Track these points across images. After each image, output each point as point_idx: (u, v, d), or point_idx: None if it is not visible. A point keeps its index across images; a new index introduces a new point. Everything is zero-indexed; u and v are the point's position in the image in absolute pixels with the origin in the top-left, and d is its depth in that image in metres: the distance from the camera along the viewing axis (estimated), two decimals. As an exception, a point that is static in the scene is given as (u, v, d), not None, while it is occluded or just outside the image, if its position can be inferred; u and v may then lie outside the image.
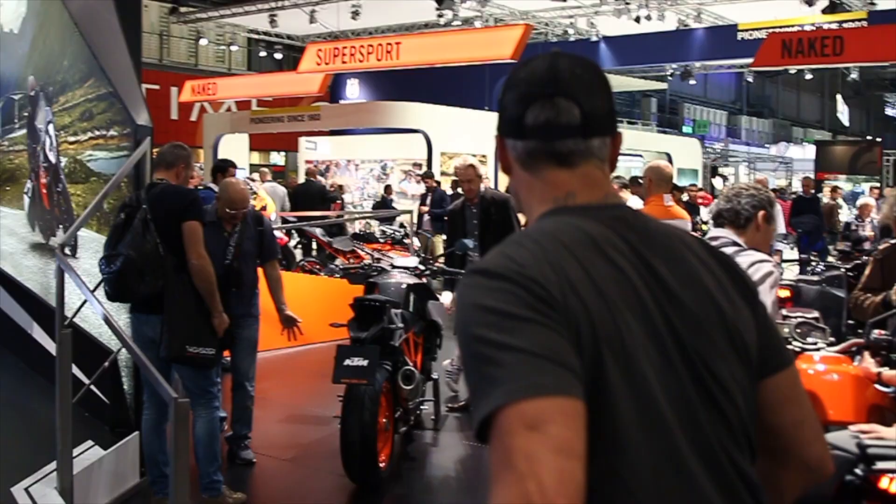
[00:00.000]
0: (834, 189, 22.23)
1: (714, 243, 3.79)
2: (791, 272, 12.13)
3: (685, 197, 15.81)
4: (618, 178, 13.34)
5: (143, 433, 5.78)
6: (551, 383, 1.39)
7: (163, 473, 5.63)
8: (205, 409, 5.73)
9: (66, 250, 6.77)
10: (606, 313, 1.53)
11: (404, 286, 6.99)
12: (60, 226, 6.83)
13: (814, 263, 10.47)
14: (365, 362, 5.70)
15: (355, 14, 24.67)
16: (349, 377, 5.70)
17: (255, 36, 33.10)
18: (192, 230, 5.50)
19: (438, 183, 20.24)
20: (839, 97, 39.43)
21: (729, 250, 3.85)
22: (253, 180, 15.11)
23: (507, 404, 1.37)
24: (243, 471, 6.54)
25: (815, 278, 9.23)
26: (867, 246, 13.26)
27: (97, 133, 6.23)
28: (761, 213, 4.11)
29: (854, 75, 34.22)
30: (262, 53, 34.68)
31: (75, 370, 6.33)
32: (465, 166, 8.05)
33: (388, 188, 23.13)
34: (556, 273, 1.53)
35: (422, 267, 7.56)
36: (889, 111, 61.61)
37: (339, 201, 21.42)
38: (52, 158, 7.01)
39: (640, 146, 30.94)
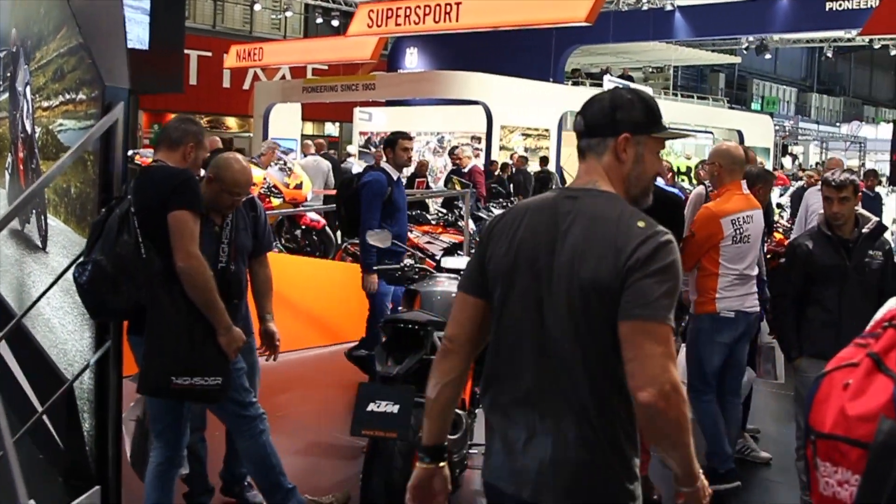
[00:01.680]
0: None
1: None
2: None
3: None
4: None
5: (146, 482, 4.54)
6: (462, 284, 2.85)
7: None
8: (245, 437, 4.77)
9: (38, 242, 5.51)
10: (506, 250, 2.65)
11: (453, 295, 5.51)
12: (34, 210, 5.57)
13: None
14: (395, 408, 4.30)
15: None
16: (373, 428, 4.32)
17: (312, 2, 31.89)
18: (178, 222, 4.21)
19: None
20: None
21: None
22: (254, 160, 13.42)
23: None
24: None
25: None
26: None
27: (67, 97, 4.94)
28: None
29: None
30: (319, 20, 33.50)
31: (31, 396, 5.05)
32: None
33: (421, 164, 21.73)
34: (496, 224, 2.75)
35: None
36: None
37: (423, 179, 20.12)
38: (29, 128, 5.76)
39: (710, 123, 29.52)
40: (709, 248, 5.63)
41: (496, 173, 19.41)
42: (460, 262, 6.10)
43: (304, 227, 13.23)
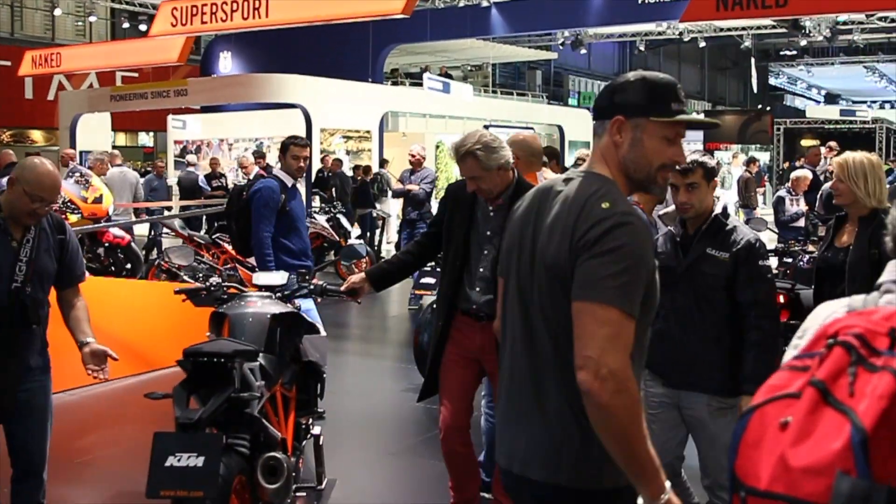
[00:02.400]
0: (752, 160, 20.92)
1: None
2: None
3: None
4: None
5: None
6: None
7: None
8: None
9: None
10: (508, 234, 2.78)
11: (268, 318, 4.80)
12: None
13: (798, 254, 8.64)
14: (200, 460, 3.58)
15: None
16: (174, 488, 3.57)
17: (118, 6, 30.50)
18: None
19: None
20: (752, 61, 38.92)
21: None
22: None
23: None
24: None
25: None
26: (802, 223, 11.95)
27: None
28: None
29: (747, 43, 33.37)
30: (126, 25, 32.18)
31: None
32: (458, 153, 4.72)
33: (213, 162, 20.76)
34: (515, 207, 2.81)
35: (297, 284, 5.37)
36: (772, 80, 61.65)
37: (218, 180, 19.23)
38: None
39: (530, 118, 29.63)
40: None
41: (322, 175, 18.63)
42: (275, 277, 5.35)
43: (107, 244, 12.17)
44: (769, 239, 11.19)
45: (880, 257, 4.72)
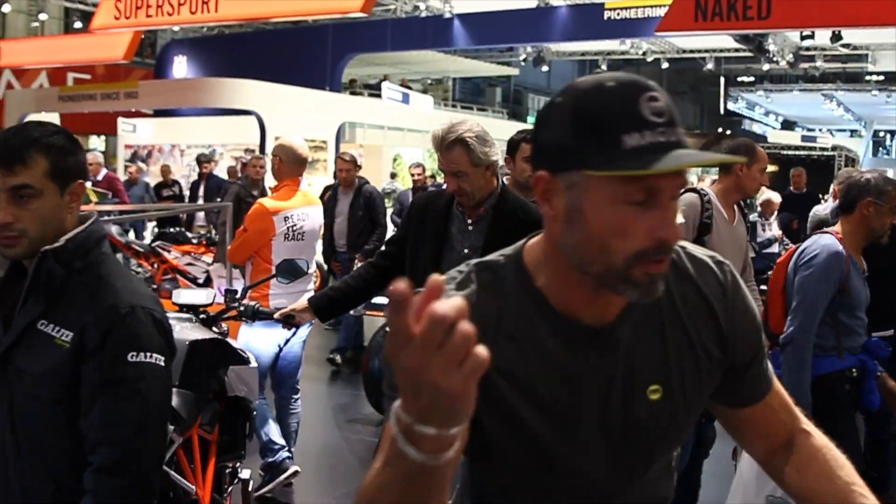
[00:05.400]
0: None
1: None
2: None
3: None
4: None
5: None
6: None
7: None
8: None
9: None
10: None
11: (185, 345, 3.90)
12: None
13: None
14: None
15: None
16: None
17: (70, 4, 29.70)
18: None
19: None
20: (722, 82, 38.99)
21: None
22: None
23: None
24: None
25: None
26: (775, 249, 11.44)
27: None
28: None
29: (710, 66, 33.20)
30: (78, 24, 31.36)
31: None
32: (445, 141, 4.00)
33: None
34: None
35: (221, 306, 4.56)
36: (731, 105, 61.89)
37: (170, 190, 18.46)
38: None
39: (491, 134, 29.03)
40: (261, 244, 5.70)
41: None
42: (198, 295, 4.54)
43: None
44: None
45: None
